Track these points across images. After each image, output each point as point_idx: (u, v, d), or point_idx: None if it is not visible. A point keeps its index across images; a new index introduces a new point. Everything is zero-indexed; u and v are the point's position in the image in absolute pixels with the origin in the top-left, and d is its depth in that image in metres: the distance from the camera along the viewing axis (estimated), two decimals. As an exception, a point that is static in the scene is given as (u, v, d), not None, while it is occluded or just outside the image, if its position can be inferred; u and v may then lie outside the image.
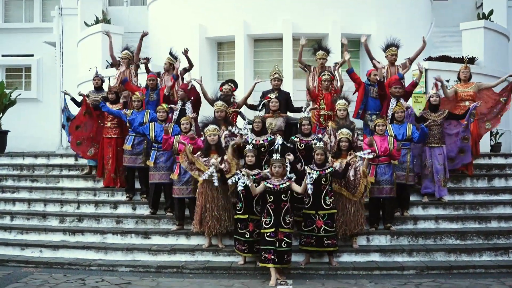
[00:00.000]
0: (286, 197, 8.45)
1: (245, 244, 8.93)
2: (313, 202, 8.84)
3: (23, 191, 11.98)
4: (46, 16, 22.13)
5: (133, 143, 10.85)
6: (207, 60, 16.74)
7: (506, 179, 11.60)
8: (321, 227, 8.78)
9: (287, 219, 8.41)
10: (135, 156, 10.87)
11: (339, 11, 16.17)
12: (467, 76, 11.80)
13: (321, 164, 8.91)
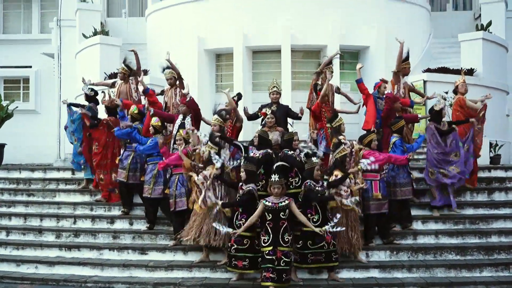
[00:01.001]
0: (284, 215, 8.35)
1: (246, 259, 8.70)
2: (322, 219, 8.69)
3: (19, 206, 11.87)
4: (45, 27, 22.11)
5: (121, 157, 10.82)
6: (206, 72, 16.72)
7: (506, 192, 11.46)
8: (330, 242, 8.66)
9: (285, 238, 8.29)
10: (121, 170, 10.81)
11: (337, 22, 16.15)
12: (466, 90, 11.68)
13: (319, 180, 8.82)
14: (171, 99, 11.99)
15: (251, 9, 16.36)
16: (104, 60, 16.86)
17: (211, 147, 9.35)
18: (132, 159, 10.77)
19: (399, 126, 10.29)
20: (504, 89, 17.00)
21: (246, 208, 8.69)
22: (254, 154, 9.57)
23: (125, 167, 10.75)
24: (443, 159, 10.51)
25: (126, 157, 10.81)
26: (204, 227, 9.09)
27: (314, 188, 8.65)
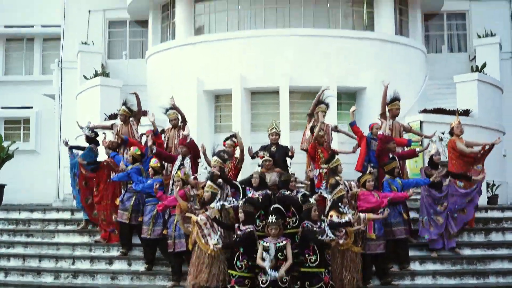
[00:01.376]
0: (282, 255, 8.42)
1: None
2: (320, 259, 8.70)
3: (18, 246, 11.87)
4: (46, 69, 22.42)
5: (122, 198, 10.87)
6: (205, 113, 16.94)
7: (503, 233, 11.50)
8: (328, 283, 8.68)
9: (283, 278, 8.35)
10: (122, 212, 10.85)
11: (335, 64, 16.49)
12: (462, 131, 11.81)
13: (316, 220, 8.88)
14: (172, 139, 12.11)
15: (250, 51, 16.70)
16: (104, 102, 17.07)
17: (212, 188, 9.43)
18: (134, 200, 10.82)
19: (390, 168, 10.40)
20: (500, 130, 17.13)
21: (247, 249, 8.73)
22: (253, 194, 9.68)
23: (127, 208, 10.78)
24: (431, 204, 10.65)
25: (128, 199, 10.85)
26: (213, 269, 9.07)
27: (312, 229, 8.71)
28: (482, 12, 20.01)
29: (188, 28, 18.15)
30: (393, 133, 11.74)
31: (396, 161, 10.50)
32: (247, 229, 8.79)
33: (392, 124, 11.89)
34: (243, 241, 8.73)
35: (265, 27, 17.29)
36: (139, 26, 20.87)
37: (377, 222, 9.69)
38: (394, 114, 11.96)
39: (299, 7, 17.38)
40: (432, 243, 10.65)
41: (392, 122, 11.93)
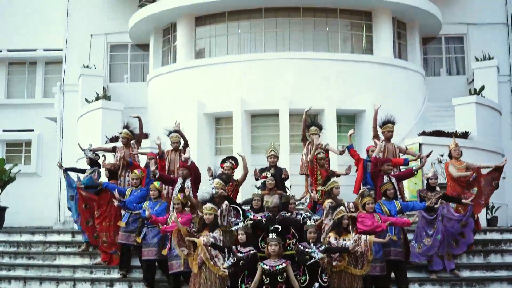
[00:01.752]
0: (282, 278, 8.48)
1: None
2: (309, 280, 8.79)
3: (19, 269, 11.93)
4: (48, 92, 22.64)
5: (128, 221, 10.91)
6: (205, 135, 17.06)
7: (502, 255, 11.59)
8: None
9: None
10: (128, 234, 10.90)
11: (334, 87, 16.64)
12: (460, 153, 11.93)
13: (315, 242, 8.95)
14: (174, 163, 12.22)
15: (250, 75, 16.88)
16: (105, 124, 17.20)
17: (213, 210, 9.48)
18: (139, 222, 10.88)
19: (383, 190, 10.51)
20: (499, 152, 17.24)
21: (251, 271, 8.78)
22: (255, 217, 9.77)
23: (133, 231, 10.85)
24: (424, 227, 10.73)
25: (134, 221, 10.93)
26: None
27: (303, 250, 8.77)
28: (480, 36, 20.24)
29: (188, 51, 18.35)
30: (386, 155, 11.81)
31: (389, 183, 10.56)
32: (250, 251, 8.86)
33: (385, 146, 11.98)
34: (248, 264, 8.77)
35: (265, 50, 17.49)
36: (140, 49, 21.09)
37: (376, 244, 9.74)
38: (386, 136, 12.09)
39: (299, 31, 17.60)
40: (431, 265, 10.68)
41: (385, 144, 12.02)
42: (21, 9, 22.50)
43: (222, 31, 17.92)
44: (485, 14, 20.38)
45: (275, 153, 11.62)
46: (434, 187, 10.86)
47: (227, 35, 17.85)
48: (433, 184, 10.85)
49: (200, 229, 9.50)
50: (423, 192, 10.91)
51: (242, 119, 16.47)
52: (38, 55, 22.76)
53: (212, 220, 9.36)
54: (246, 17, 17.76)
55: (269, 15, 17.62)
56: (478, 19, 20.39)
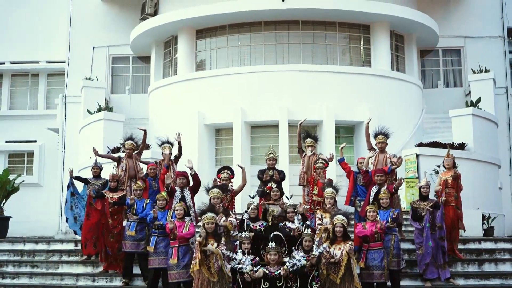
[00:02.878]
0: (280, 283, 8.71)
1: None
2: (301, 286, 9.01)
3: (23, 277, 12.08)
4: (50, 103, 22.84)
5: (136, 229, 11.11)
6: (205, 146, 17.29)
7: (496, 263, 11.79)
8: None
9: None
10: (137, 242, 11.08)
11: (333, 99, 16.90)
12: (450, 164, 12.12)
13: (309, 250, 9.17)
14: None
15: (250, 86, 17.15)
16: (107, 135, 17.40)
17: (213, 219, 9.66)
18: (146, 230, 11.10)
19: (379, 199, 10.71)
20: (496, 163, 17.47)
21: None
22: (254, 226, 10.02)
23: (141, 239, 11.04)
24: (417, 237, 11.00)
25: (141, 230, 11.11)
26: None
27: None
28: (477, 48, 20.56)
29: (189, 64, 18.62)
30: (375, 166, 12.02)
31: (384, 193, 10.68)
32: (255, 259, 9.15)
33: (376, 157, 12.22)
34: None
35: (265, 63, 17.78)
36: (142, 62, 21.38)
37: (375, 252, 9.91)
38: (379, 148, 12.31)
39: (298, 44, 17.88)
40: (426, 273, 10.85)
41: (377, 156, 12.25)
42: (23, 21, 22.76)
43: (223, 43, 18.21)
44: (482, 27, 20.72)
45: (274, 156, 11.90)
46: (427, 196, 11.02)
47: (227, 47, 18.14)
48: (425, 193, 11.02)
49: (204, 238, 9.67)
50: (416, 203, 11.10)
51: (242, 130, 16.71)
52: (41, 67, 23.00)
53: (214, 229, 9.57)
54: (246, 30, 18.06)
55: (268, 28, 17.92)
56: (475, 32, 20.72)
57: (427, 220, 10.77)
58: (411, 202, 11.57)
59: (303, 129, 13.32)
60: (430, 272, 10.83)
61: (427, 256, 10.74)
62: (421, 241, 10.81)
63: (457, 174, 11.90)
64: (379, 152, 12.31)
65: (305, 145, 12.54)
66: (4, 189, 16.66)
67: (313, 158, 12.29)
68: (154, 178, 12.25)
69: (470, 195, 14.87)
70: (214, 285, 9.23)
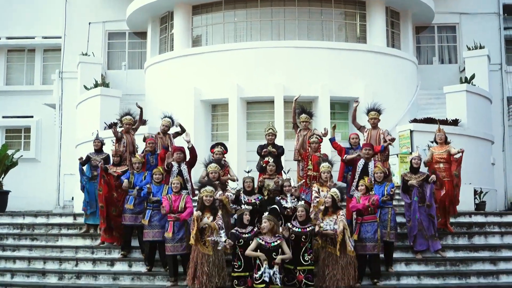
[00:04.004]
0: (277, 255, 8.93)
1: None
2: (293, 258, 9.27)
3: (23, 250, 12.28)
4: (47, 79, 22.95)
5: (134, 202, 11.29)
6: (202, 122, 17.41)
7: (486, 236, 12.05)
8: (301, 281, 9.25)
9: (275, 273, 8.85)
10: (135, 215, 11.24)
11: (328, 75, 16.99)
12: (442, 138, 12.30)
13: (303, 221, 9.40)
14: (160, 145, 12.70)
15: (246, 62, 17.22)
16: (104, 111, 17.47)
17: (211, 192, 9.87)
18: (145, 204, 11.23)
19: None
20: (489, 139, 17.65)
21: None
22: (249, 200, 10.24)
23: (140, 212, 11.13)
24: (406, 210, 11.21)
25: (140, 203, 11.19)
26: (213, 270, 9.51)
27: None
28: (472, 25, 20.62)
29: (185, 39, 18.68)
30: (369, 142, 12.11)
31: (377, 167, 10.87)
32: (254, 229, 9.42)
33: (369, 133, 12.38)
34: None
35: (261, 39, 17.84)
36: (138, 37, 21.40)
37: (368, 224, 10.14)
38: (372, 124, 12.43)
39: (294, 20, 17.94)
40: (416, 245, 11.09)
41: (369, 132, 12.38)
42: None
43: (219, 19, 18.26)
44: (477, 3, 20.77)
45: (273, 131, 12.04)
46: (418, 169, 11.19)
47: (223, 23, 18.19)
48: (416, 164, 11.16)
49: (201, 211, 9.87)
50: (407, 175, 11.25)
51: (238, 106, 16.83)
52: (37, 42, 23.05)
53: (211, 202, 9.79)
54: (242, 6, 18.10)
55: (264, 4, 17.96)
56: (471, 9, 20.78)
57: (415, 193, 10.99)
58: (402, 174, 11.74)
59: (299, 105, 13.44)
60: (419, 244, 11.07)
61: (414, 228, 10.99)
62: (410, 213, 11.04)
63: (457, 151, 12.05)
64: (372, 128, 12.44)
65: (300, 120, 12.66)
66: (2, 164, 16.82)
67: (308, 134, 12.43)
68: (153, 153, 12.34)
69: (463, 170, 14.87)
70: (208, 257, 9.48)
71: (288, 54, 17.18)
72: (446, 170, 12.02)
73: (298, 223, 9.44)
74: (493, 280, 10.64)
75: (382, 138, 12.04)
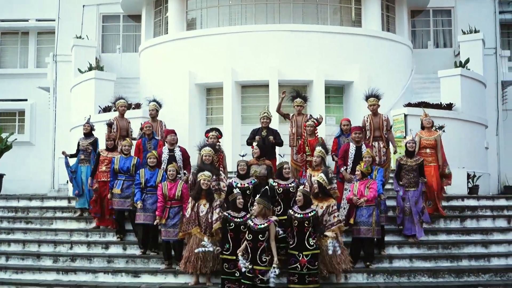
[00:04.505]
0: (263, 237, 8.97)
1: (236, 282, 9.22)
2: (297, 243, 9.33)
3: (18, 233, 12.34)
4: (41, 62, 22.84)
5: (122, 187, 11.33)
6: (196, 105, 17.39)
7: (478, 220, 12.17)
8: (304, 265, 9.27)
9: (263, 258, 8.94)
10: (123, 199, 11.28)
11: (323, 59, 16.97)
12: (430, 123, 12.33)
13: (303, 206, 9.44)
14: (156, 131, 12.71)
15: (241, 46, 17.17)
16: (98, 94, 17.45)
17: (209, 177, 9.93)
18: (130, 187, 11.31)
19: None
20: (483, 123, 17.71)
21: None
22: (242, 184, 10.26)
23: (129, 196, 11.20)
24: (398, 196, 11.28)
25: (128, 187, 11.26)
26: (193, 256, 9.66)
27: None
28: (467, 9, 20.56)
29: (180, 23, 18.61)
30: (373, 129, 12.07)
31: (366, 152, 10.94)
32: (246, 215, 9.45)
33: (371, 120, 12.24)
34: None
35: (256, 22, 17.78)
36: (132, 20, 21.29)
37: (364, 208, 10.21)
38: (371, 110, 12.35)
39: (289, 3, 17.89)
40: (404, 230, 11.20)
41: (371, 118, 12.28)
42: (13, -21, 22.60)
43: (213, 3, 18.18)
44: (473, -13, 20.72)
45: (268, 115, 12.04)
46: (413, 152, 11.26)
47: (218, 7, 18.12)
48: (411, 148, 11.23)
49: (196, 197, 9.91)
50: (402, 159, 11.29)
51: (233, 89, 16.82)
52: (31, 25, 22.93)
53: (208, 187, 9.84)
54: (237, -11, 18.05)
55: (259, -13, 17.92)
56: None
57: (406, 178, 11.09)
58: (397, 158, 11.78)
59: (293, 89, 13.41)
60: (406, 228, 11.16)
61: (402, 213, 11.10)
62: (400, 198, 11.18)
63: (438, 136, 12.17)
64: (372, 114, 12.30)
65: (294, 105, 12.62)
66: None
67: (303, 118, 12.38)
68: (150, 138, 12.32)
69: (457, 154, 15.17)
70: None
71: (283, 37, 17.13)
72: (433, 155, 12.05)
73: (299, 209, 9.47)
74: (484, 263, 10.74)
75: (385, 125, 11.97)
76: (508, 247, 11.32)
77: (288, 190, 10.19)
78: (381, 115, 12.26)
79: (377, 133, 12.05)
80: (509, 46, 22.63)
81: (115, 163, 11.39)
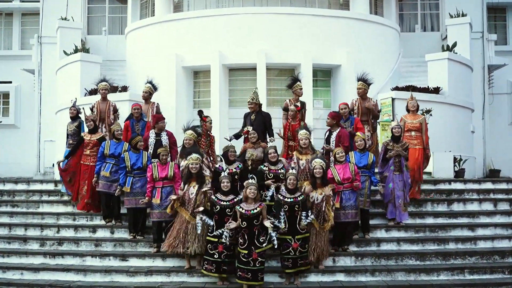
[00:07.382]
0: (258, 221, 9.04)
1: (213, 264, 9.34)
2: (289, 228, 9.37)
3: (3, 216, 12.25)
4: (25, 44, 22.60)
5: (111, 170, 11.27)
6: (184, 88, 17.28)
7: (464, 203, 12.30)
8: (296, 249, 9.36)
9: (260, 239, 9.05)
10: (110, 183, 11.22)
11: (310, 42, 16.89)
12: (415, 106, 12.37)
13: (293, 189, 9.45)
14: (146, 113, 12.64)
15: (228, 28, 17.03)
16: (84, 77, 17.21)
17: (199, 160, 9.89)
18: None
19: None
20: (469, 107, 17.78)
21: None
22: (230, 170, 10.26)
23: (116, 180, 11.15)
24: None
25: (116, 171, 11.16)
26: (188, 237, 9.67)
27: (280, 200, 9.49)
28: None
29: (167, 5, 18.45)
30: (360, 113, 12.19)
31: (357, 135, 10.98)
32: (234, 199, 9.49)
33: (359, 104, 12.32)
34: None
35: (243, 5, 17.70)
36: (118, 2, 21.09)
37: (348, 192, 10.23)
38: (359, 94, 12.38)
39: (277, -14, 17.81)
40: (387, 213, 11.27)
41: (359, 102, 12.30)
42: (-4, -41, 22.26)
43: (201, -16, 18.05)
44: (461, -30, 20.67)
45: (253, 100, 11.96)
46: (399, 137, 11.28)
47: (205, -12, 17.99)
48: (397, 133, 11.24)
49: (185, 181, 9.90)
50: (389, 144, 11.29)
51: (220, 72, 16.72)
52: (14, 6, 22.69)
53: (198, 170, 9.81)
54: (224, -29, 17.90)
55: (247, -31, 17.78)
56: (454, -25, 20.68)
57: (392, 163, 11.12)
58: (383, 142, 11.82)
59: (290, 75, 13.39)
60: (389, 212, 11.23)
61: (387, 197, 11.16)
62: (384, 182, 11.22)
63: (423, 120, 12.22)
64: (361, 98, 12.34)
65: (295, 89, 12.59)
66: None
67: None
68: (138, 120, 12.26)
69: (443, 138, 15.27)
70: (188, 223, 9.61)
71: (270, 20, 17.02)
72: (418, 138, 12.12)
73: (288, 193, 9.47)
74: (471, 246, 10.86)
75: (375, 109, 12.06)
76: (494, 230, 11.44)
77: (278, 175, 10.20)
78: (370, 101, 12.32)
79: (364, 117, 12.09)
80: (496, 30, 22.69)
81: (105, 148, 11.33)
